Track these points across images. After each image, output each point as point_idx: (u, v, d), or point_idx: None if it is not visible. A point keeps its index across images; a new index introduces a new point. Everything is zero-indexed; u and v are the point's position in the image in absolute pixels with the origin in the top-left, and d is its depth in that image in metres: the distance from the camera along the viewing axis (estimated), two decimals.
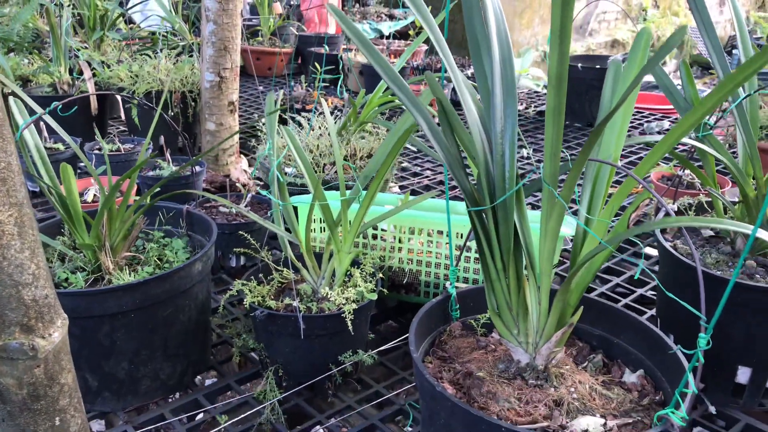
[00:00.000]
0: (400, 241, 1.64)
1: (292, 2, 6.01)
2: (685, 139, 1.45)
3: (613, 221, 1.10)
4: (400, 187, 2.76)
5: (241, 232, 1.58)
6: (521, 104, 4.23)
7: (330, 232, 1.42)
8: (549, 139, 0.98)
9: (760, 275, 1.37)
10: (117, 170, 2.44)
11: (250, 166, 2.86)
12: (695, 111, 0.95)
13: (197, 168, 2.29)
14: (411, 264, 1.65)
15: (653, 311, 1.78)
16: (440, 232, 1.61)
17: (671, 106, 1.49)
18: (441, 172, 2.89)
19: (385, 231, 1.67)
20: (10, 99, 1.41)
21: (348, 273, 1.48)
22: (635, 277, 1.80)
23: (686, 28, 0.82)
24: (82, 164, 2.80)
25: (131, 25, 4.83)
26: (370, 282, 1.46)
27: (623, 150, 3.14)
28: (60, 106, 1.42)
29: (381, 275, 1.48)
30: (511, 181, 1.07)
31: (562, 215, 1.01)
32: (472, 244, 1.63)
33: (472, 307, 1.27)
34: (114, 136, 2.65)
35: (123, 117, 3.50)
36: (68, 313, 1.27)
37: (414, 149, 3.26)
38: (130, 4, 4.91)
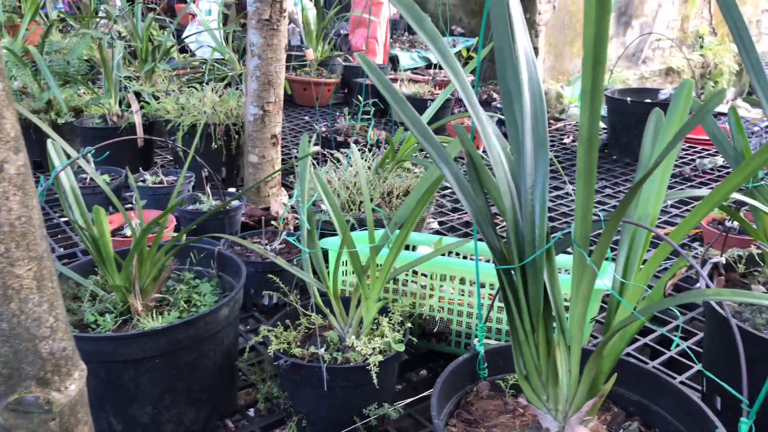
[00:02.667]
0: (431, 288, 1.60)
1: (341, 32, 6.09)
2: (739, 197, 1.37)
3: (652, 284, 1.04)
4: (439, 223, 2.72)
5: (270, 276, 1.57)
6: (568, 137, 4.14)
7: (358, 279, 1.39)
8: (580, 201, 0.93)
9: None
10: (160, 202, 2.48)
11: (290, 198, 2.86)
12: (740, 171, 0.89)
13: (235, 203, 2.30)
14: (442, 312, 1.60)
15: (701, 365, 1.69)
16: (473, 281, 1.56)
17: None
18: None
19: (416, 275, 1.63)
20: (48, 142, 1.44)
21: (376, 321, 1.45)
22: (671, 348, 1.71)
23: (725, 91, 0.76)
24: (128, 194, 2.86)
25: (184, 54, 4.96)
26: (399, 332, 1.42)
27: (665, 204, 3.02)
28: (93, 151, 1.44)
29: (410, 324, 1.44)
30: (541, 239, 1.02)
31: (594, 280, 0.95)
32: None
33: (501, 365, 1.22)
34: (158, 168, 2.70)
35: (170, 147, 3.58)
36: (94, 356, 1.28)
37: None
38: (186, 34, 5.05)
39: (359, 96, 3.31)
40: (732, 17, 1.35)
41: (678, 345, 1.66)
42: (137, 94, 3.26)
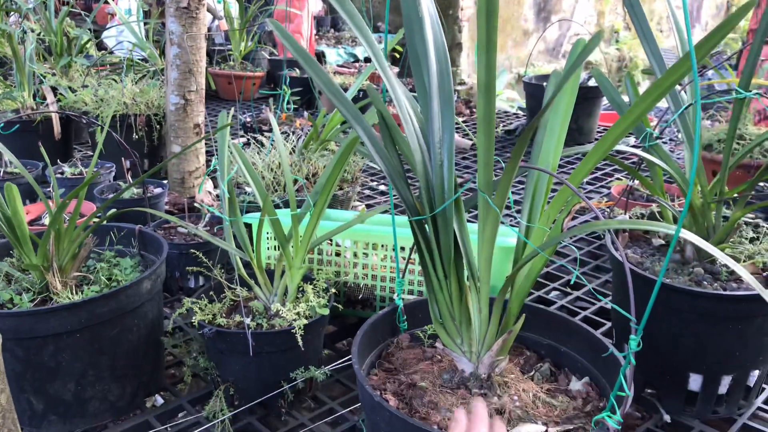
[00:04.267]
0: (356, 256, 1.64)
1: (265, 27, 6.06)
2: (633, 150, 1.47)
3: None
4: (367, 206, 2.76)
5: (193, 251, 1.57)
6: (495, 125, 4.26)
7: (281, 248, 1.42)
8: (481, 148, 0.99)
9: (708, 282, 1.38)
10: None
11: (215, 187, 2.84)
12: (624, 118, 0.97)
13: (158, 190, 2.28)
14: (366, 279, 1.64)
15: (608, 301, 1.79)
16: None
17: None
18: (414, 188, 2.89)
19: (341, 246, 1.67)
20: None
21: (301, 289, 1.47)
22: (571, 282, 1.81)
23: (602, 33, 0.83)
24: (46, 189, 2.78)
25: (102, 51, 4.84)
26: (323, 297, 1.45)
27: (569, 159, 3.21)
28: (2, 124, 1.41)
29: (334, 290, 1.47)
30: (450, 191, 1.07)
31: (497, 222, 1.01)
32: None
33: (420, 318, 1.27)
34: (77, 159, 2.64)
35: (90, 141, 3.49)
36: (11, 334, 1.26)
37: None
38: (107, 32, 4.92)
39: (284, 86, 3.31)
40: (635, 14, 1.44)
41: (577, 277, 1.76)
42: (53, 89, 3.16)
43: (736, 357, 1.36)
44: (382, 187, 2.99)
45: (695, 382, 1.41)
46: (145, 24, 4.22)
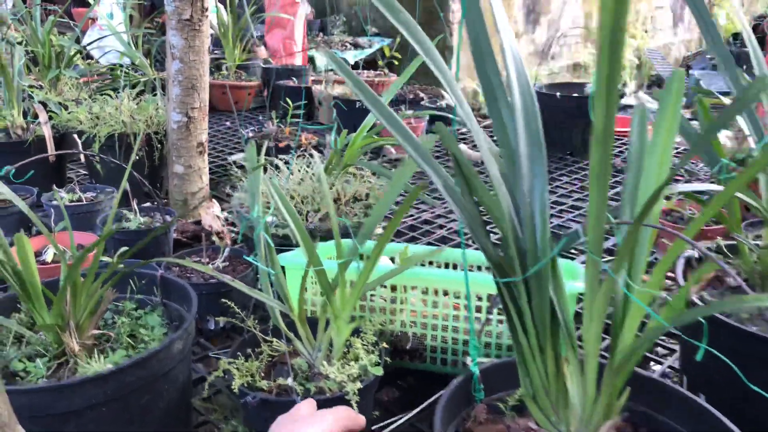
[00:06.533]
0: (401, 302, 1.49)
1: (256, 33, 5.87)
2: (705, 186, 1.34)
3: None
4: (383, 228, 2.61)
5: (224, 300, 1.41)
6: None
7: (326, 299, 1.27)
8: (593, 205, 0.85)
9: None
10: (79, 222, 2.25)
11: (222, 210, 2.68)
12: (751, 168, 0.84)
13: (167, 218, 2.11)
14: (414, 327, 1.50)
15: (670, 361, 1.66)
16: (446, 291, 1.47)
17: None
18: (432, 212, 2.76)
19: (385, 288, 1.52)
20: None
21: (347, 342, 1.32)
22: (698, 358, 1.68)
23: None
24: (40, 214, 2.59)
25: (89, 60, 4.63)
26: (373, 353, 1.30)
27: None
28: (13, 171, 1.24)
29: (384, 344, 1.33)
30: (544, 248, 0.93)
31: (611, 293, 0.87)
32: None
33: (496, 384, 1.12)
34: (74, 184, 2.46)
35: (84, 161, 3.30)
36: (27, 411, 1.09)
37: None
38: (87, 39, 4.71)
39: (288, 99, 3.16)
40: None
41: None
42: (43, 104, 2.97)
43: None
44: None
45: None
46: (133, 35, 4.03)
